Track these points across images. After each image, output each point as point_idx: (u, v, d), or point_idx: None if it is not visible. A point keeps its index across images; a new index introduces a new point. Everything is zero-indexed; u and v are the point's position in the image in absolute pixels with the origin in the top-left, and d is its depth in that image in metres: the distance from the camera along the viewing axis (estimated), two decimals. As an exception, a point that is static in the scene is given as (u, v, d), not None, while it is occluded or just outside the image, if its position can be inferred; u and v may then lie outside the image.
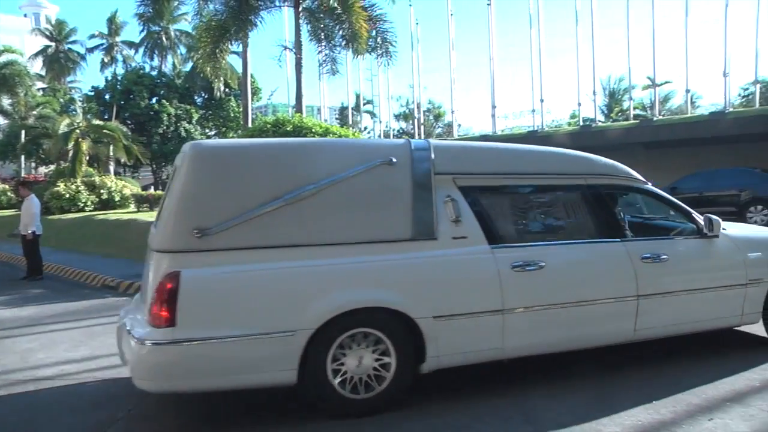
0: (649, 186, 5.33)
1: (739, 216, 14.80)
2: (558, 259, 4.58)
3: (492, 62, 29.24)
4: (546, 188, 4.95)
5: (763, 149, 20.03)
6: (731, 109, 22.42)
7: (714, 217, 5.21)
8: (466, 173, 4.58)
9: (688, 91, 26.01)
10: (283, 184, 4.08)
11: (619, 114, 36.78)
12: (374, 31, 19.46)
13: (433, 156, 4.45)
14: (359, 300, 4.05)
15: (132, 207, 21.60)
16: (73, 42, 50.43)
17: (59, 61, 49.14)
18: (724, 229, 5.32)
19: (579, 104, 27.33)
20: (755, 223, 14.37)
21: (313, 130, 14.67)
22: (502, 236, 4.52)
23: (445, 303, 4.22)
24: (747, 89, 31.91)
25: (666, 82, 33.84)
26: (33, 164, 38.50)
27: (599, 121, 31.77)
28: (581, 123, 27.37)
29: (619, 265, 4.76)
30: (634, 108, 31.15)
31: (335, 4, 18.02)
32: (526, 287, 4.44)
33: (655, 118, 24.65)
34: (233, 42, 20.19)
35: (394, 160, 4.33)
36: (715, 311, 5.18)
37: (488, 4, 29.23)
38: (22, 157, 35.02)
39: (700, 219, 5.25)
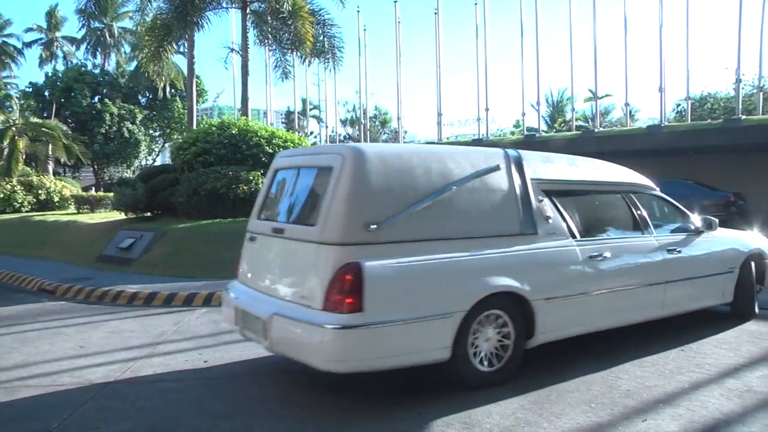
0: (660, 193, 6.74)
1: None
2: (615, 251, 5.64)
3: (438, 70, 29.61)
4: (604, 193, 6.24)
5: (696, 162, 20.90)
6: (666, 123, 23.28)
7: (712, 218, 6.78)
8: (548, 180, 5.51)
9: (627, 104, 26.89)
10: (431, 185, 4.75)
11: (562, 125, 37.67)
12: (321, 36, 19.48)
13: (525, 164, 5.35)
14: (498, 285, 4.77)
15: (72, 208, 20.96)
16: (9, 35, 48.57)
17: (-7, 54, 47.25)
18: None
19: (523, 114, 27.84)
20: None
21: (259, 134, 14.58)
22: (578, 232, 5.48)
23: (551, 287, 5.11)
24: (679, 105, 33.22)
25: (606, 95, 34.85)
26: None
27: (543, 131, 32.49)
28: (525, 132, 27.93)
29: (655, 256, 5.99)
30: (576, 119, 31.97)
31: (283, 8, 17.91)
32: (599, 274, 5.48)
33: (596, 130, 25.34)
34: (178, 42, 19.85)
35: (501, 166, 5.17)
36: (710, 292, 6.66)
37: (435, 13, 29.61)
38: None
39: (698, 220, 6.69)
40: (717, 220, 6.79)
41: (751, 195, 18.21)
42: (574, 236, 5.42)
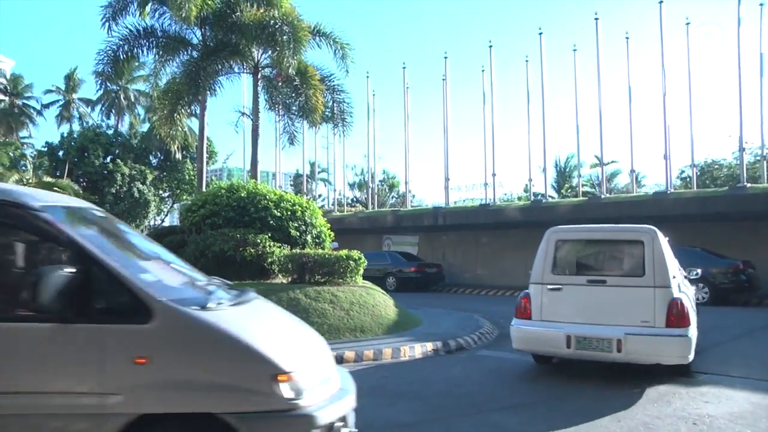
0: None
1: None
2: None
3: (446, 135, 30.03)
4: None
5: (703, 229, 20.89)
6: (673, 190, 23.40)
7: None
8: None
9: (633, 171, 27.08)
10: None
11: (569, 190, 37.92)
12: (331, 101, 19.90)
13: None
14: None
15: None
16: (29, 97, 49.89)
17: (13, 115, 48.42)
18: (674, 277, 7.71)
19: (530, 179, 28.08)
20: (697, 300, 14.81)
21: (267, 197, 14.74)
22: None
23: None
24: (684, 172, 33.46)
25: (612, 162, 35.23)
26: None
27: (550, 196, 32.66)
28: (532, 198, 28.08)
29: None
30: (583, 185, 32.17)
31: (294, 75, 18.39)
32: None
33: (603, 196, 25.47)
34: (191, 107, 20.31)
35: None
36: None
37: (443, 79, 30.23)
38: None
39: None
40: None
41: (759, 263, 18.12)
42: None
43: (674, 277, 7.51)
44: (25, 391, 3.36)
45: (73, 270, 3.38)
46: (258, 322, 3.94)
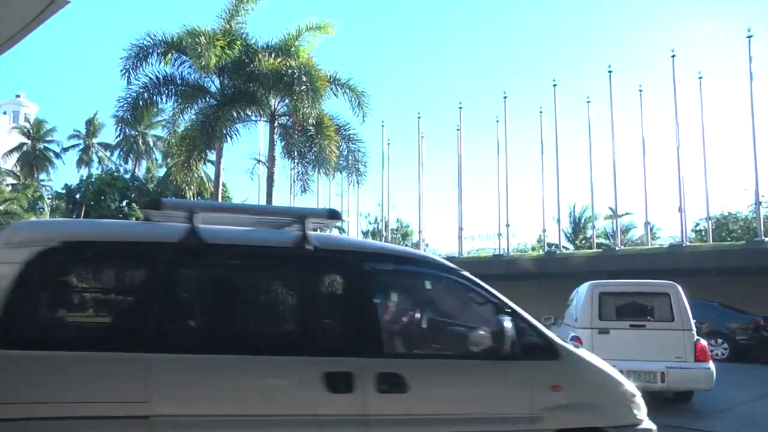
0: None
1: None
2: None
3: (460, 184, 30.13)
4: None
5: (720, 283, 20.57)
6: (688, 244, 23.20)
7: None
8: None
9: (647, 223, 26.95)
10: None
11: (583, 241, 37.68)
12: (346, 151, 20.05)
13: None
14: None
15: (89, 311, 20.97)
16: (50, 141, 50.88)
17: (34, 158, 49.31)
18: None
19: (544, 230, 27.97)
20: (715, 356, 14.49)
21: (281, 244, 14.72)
22: None
23: None
24: (698, 224, 33.19)
25: (626, 214, 35.05)
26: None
27: (564, 247, 32.47)
28: (546, 248, 27.93)
29: None
30: (597, 236, 32.00)
31: (309, 125, 18.60)
32: None
33: (617, 248, 25.28)
34: (207, 153, 20.54)
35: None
36: None
37: (458, 129, 30.52)
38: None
39: None
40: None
41: (779, 320, 17.74)
42: None
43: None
44: (477, 416, 4.15)
45: (507, 319, 4.22)
46: (599, 359, 4.82)
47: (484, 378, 4.26)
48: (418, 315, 4.86)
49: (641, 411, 4.51)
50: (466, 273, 4.55)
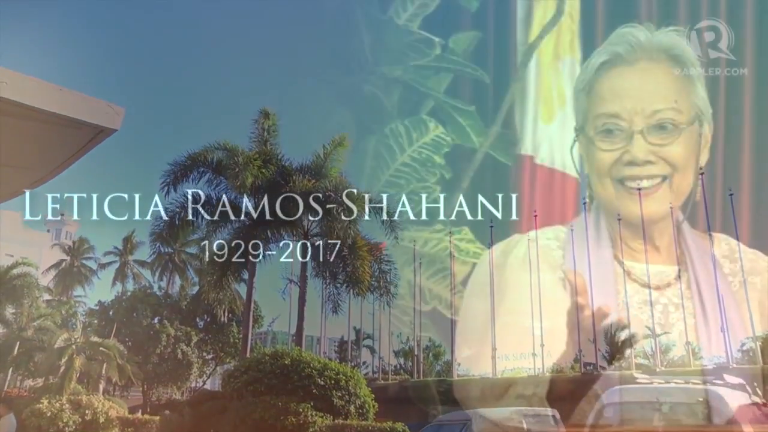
0: None
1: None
2: None
3: (492, 303, 29.73)
4: None
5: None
6: (735, 366, 22.23)
7: None
8: None
9: (688, 342, 26.03)
10: None
11: (622, 361, 36.36)
12: (378, 271, 20.10)
13: None
14: None
15: (116, 431, 20.61)
16: (88, 258, 52.02)
17: (71, 275, 50.30)
18: None
19: (580, 350, 27.16)
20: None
21: (311, 365, 14.53)
22: None
23: None
24: (744, 344, 31.90)
25: (665, 333, 33.95)
26: (20, 377, 37.45)
27: (601, 367, 31.32)
28: (583, 369, 27.00)
29: None
30: (636, 356, 30.87)
31: (343, 246, 18.82)
32: None
33: (657, 369, 24.34)
34: (240, 273, 20.76)
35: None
36: None
37: (489, 245, 30.54)
38: (10, 369, 34.19)
39: None
40: None
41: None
42: None
43: None
44: None
45: None
46: None
47: None
48: None
49: None
50: None
